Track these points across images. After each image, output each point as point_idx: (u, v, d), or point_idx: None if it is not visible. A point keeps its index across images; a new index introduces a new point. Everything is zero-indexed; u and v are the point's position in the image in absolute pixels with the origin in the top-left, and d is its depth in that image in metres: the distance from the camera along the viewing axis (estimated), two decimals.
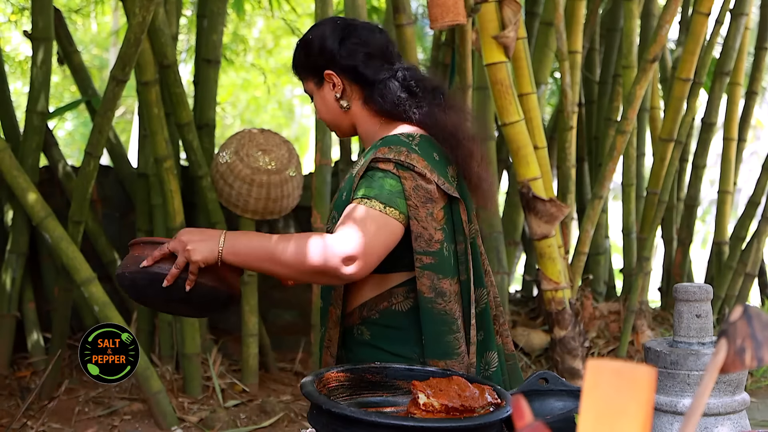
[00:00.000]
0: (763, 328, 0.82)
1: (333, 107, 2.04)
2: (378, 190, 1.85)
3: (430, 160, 1.90)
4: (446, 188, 1.89)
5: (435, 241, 1.87)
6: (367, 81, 2.00)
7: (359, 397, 1.70)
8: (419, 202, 1.86)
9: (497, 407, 1.57)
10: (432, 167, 1.89)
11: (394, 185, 1.86)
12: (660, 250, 5.80)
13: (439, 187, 1.88)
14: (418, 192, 1.86)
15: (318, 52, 2.01)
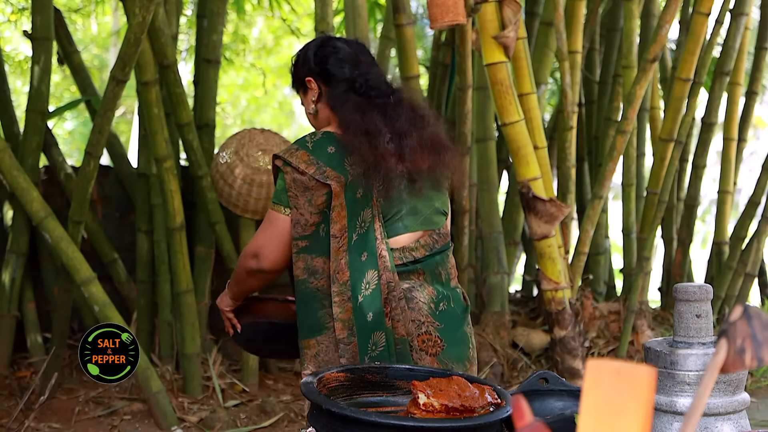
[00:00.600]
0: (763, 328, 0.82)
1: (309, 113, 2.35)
2: (275, 191, 2.21)
3: (319, 154, 2.17)
4: (321, 177, 2.13)
5: (310, 224, 2.15)
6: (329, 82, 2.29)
7: (359, 397, 1.70)
8: (298, 192, 2.15)
9: (497, 407, 1.57)
10: (315, 160, 2.16)
11: (281, 183, 2.18)
12: (660, 250, 5.80)
13: (314, 177, 2.13)
14: (297, 183, 2.15)
15: (302, 62, 2.32)
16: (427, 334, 2.15)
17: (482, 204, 4.56)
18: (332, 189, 2.13)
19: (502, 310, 4.34)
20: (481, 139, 4.50)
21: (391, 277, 2.12)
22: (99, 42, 11.10)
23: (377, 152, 2.14)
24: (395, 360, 2.08)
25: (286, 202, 2.16)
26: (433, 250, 2.25)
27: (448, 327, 2.19)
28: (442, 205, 2.28)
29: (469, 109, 4.38)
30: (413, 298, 2.17)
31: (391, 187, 2.16)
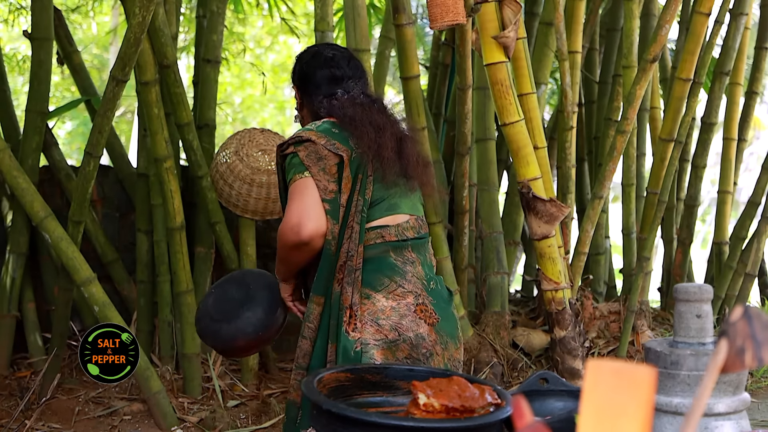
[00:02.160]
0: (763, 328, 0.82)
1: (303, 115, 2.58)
2: (292, 168, 2.33)
3: (326, 132, 2.36)
4: (332, 148, 2.32)
5: (330, 190, 2.31)
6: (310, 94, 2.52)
7: (359, 397, 1.70)
8: (312, 162, 2.31)
9: (497, 407, 1.57)
10: (323, 134, 2.34)
11: (296, 160, 2.32)
12: (660, 250, 5.80)
13: (326, 147, 2.31)
14: (310, 156, 2.31)
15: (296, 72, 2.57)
16: (423, 305, 2.35)
17: (482, 204, 4.56)
18: (343, 159, 2.32)
19: (502, 310, 4.34)
20: (481, 139, 4.50)
21: (353, 249, 2.31)
22: (99, 42, 11.10)
23: (381, 140, 2.36)
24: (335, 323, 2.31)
25: (305, 169, 2.31)
26: (419, 233, 2.45)
27: (439, 303, 2.40)
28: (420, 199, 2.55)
29: (469, 109, 4.38)
30: (407, 272, 2.37)
31: (389, 172, 2.38)
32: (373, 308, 2.30)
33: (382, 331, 2.28)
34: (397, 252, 2.37)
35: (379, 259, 2.35)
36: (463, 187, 4.50)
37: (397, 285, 2.33)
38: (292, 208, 2.29)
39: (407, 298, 2.33)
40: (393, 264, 2.36)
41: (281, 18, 6.64)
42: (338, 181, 2.32)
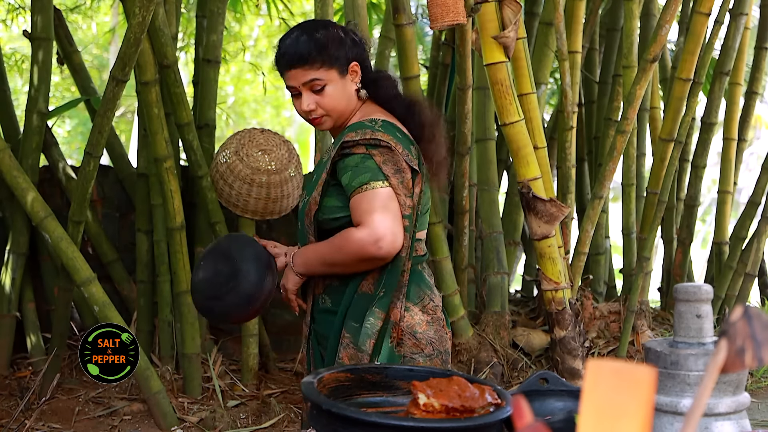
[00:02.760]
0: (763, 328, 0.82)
1: (351, 96, 2.29)
2: (367, 172, 2.15)
3: (395, 137, 2.21)
4: (409, 160, 2.20)
5: (408, 206, 2.19)
6: (367, 75, 2.33)
7: (359, 397, 1.70)
8: (391, 172, 2.17)
9: (497, 407, 1.57)
10: (396, 140, 2.20)
11: (372, 164, 2.16)
12: (660, 250, 5.80)
13: (402, 157, 2.18)
14: (387, 165, 2.16)
15: (351, 44, 2.27)
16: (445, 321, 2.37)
17: (482, 204, 4.56)
18: (416, 174, 2.23)
19: (502, 310, 4.34)
20: (481, 139, 4.50)
21: (406, 263, 2.26)
22: (99, 42, 11.10)
23: (442, 150, 2.33)
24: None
25: (384, 177, 2.16)
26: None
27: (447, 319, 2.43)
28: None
29: (469, 109, 4.38)
30: (432, 285, 2.37)
31: (444, 178, 2.38)
32: (411, 321, 2.26)
33: (420, 345, 2.26)
34: (424, 265, 2.36)
35: (416, 273, 2.30)
36: (463, 187, 4.50)
37: (429, 299, 2.31)
38: (377, 220, 2.11)
39: (437, 312, 2.32)
40: (425, 277, 2.34)
41: (281, 18, 6.63)
42: (412, 196, 2.21)
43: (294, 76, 2.25)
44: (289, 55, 2.26)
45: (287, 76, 2.28)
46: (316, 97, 2.25)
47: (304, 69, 2.23)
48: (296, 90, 2.27)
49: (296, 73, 2.24)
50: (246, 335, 4.18)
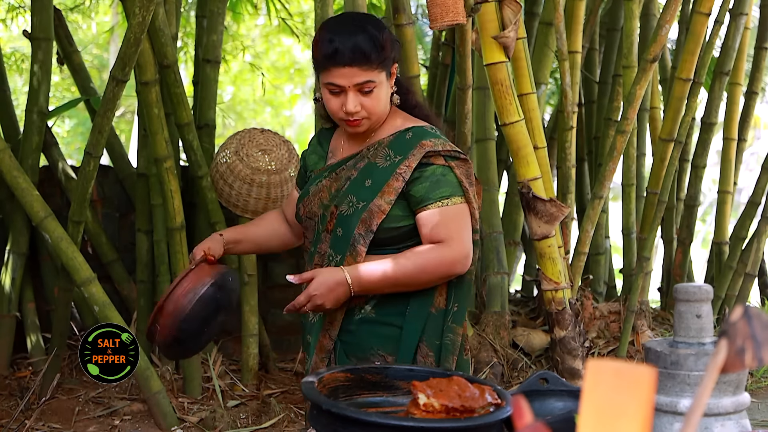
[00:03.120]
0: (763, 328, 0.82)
1: (388, 100, 2.20)
2: (447, 186, 2.12)
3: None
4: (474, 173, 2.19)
5: (476, 219, 2.19)
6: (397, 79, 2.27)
7: (359, 397, 1.71)
8: (467, 186, 2.15)
9: (497, 407, 1.57)
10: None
11: (453, 177, 2.13)
12: (660, 250, 5.80)
13: (472, 170, 2.18)
14: (464, 178, 2.14)
15: (392, 47, 2.17)
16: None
17: (482, 204, 4.54)
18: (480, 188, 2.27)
19: (502, 310, 4.34)
20: (481, 139, 4.50)
21: None
22: (99, 42, 11.10)
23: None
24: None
25: (463, 192, 2.14)
26: None
27: None
28: None
29: (469, 109, 4.38)
30: None
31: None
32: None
33: (469, 351, 2.33)
34: None
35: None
36: None
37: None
38: (464, 238, 2.10)
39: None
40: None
41: (281, 18, 6.63)
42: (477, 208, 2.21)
43: (347, 74, 2.08)
44: (347, 53, 2.07)
45: (337, 74, 2.09)
46: (362, 99, 2.11)
47: (362, 69, 2.08)
48: (339, 88, 2.11)
49: (351, 72, 2.07)
50: (246, 335, 4.18)
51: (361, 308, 2.18)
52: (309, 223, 2.28)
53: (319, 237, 2.22)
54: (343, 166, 2.23)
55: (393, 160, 2.15)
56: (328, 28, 2.14)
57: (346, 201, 2.16)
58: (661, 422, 1.61)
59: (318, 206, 2.24)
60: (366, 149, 2.22)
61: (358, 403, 1.68)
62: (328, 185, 2.23)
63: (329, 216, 2.19)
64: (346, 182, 2.20)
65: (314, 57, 2.16)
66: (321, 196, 2.23)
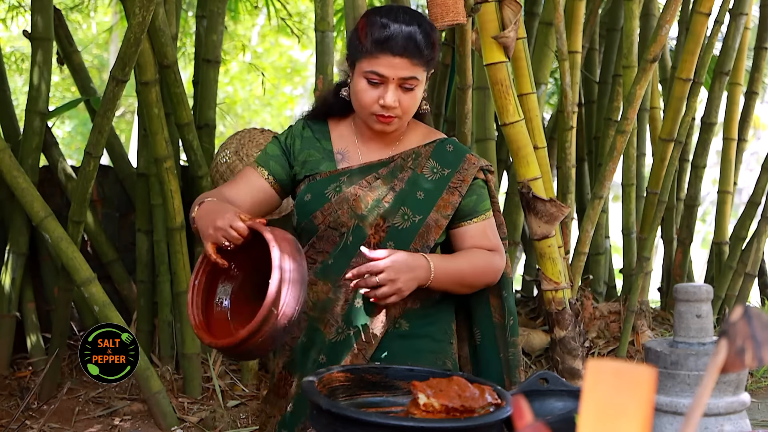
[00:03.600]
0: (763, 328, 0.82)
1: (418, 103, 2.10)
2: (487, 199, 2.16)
3: None
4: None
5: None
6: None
7: (359, 397, 1.70)
8: (495, 197, 2.20)
9: (497, 407, 1.57)
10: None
11: (486, 191, 2.17)
12: (660, 250, 5.80)
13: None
14: (494, 189, 2.20)
15: (439, 49, 2.11)
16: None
17: None
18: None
19: None
20: (481, 139, 4.50)
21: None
22: (99, 42, 11.10)
23: None
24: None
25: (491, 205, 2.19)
26: None
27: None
28: None
29: (469, 109, 4.38)
30: None
31: None
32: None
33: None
34: None
35: None
36: None
37: None
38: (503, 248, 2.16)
39: None
40: None
41: (281, 18, 6.63)
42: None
43: (396, 65, 1.96)
44: (402, 41, 1.96)
45: (385, 62, 1.96)
46: (401, 95, 2.00)
47: (413, 63, 1.97)
48: (380, 79, 1.98)
49: (401, 63, 1.96)
50: None
51: (396, 323, 2.08)
52: (329, 233, 2.07)
53: (347, 249, 2.05)
54: (375, 173, 2.09)
55: (441, 173, 2.11)
56: (381, 14, 2.00)
57: (400, 214, 2.06)
58: (661, 422, 1.61)
59: (349, 216, 2.05)
60: (400, 157, 2.11)
61: (358, 403, 1.68)
62: (361, 194, 2.06)
63: (373, 228, 2.05)
64: (389, 193, 2.07)
65: (359, 41, 2.00)
66: (353, 206, 2.05)
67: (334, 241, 2.07)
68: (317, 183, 2.11)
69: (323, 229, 2.07)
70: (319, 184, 2.10)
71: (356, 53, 2.02)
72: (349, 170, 2.10)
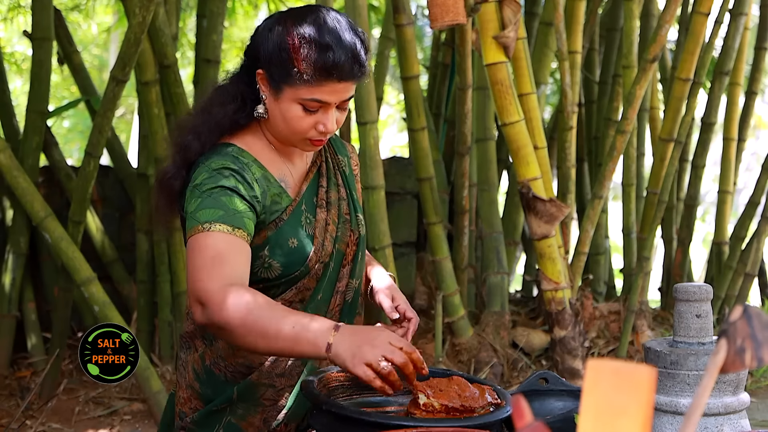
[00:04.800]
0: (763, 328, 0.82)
1: None
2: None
3: None
4: None
5: None
6: None
7: (359, 397, 1.70)
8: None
9: (497, 407, 1.57)
10: None
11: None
12: (660, 250, 5.80)
13: None
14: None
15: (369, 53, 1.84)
16: None
17: (482, 204, 4.56)
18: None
19: (502, 310, 4.34)
20: (481, 139, 4.50)
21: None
22: (99, 42, 11.10)
23: None
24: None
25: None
26: None
27: None
28: None
29: (469, 109, 4.38)
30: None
31: None
32: None
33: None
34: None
35: None
36: (463, 187, 4.50)
37: None
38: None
39: None
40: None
41: None
42: None
43: (340, 90, 1.71)
44: (348, 66, 1.69)
45: (329, 89, 1.70)
46: (337, 114, 1.76)
47: (355, 82, 1.74)
48: (319, 105, 1.72)
49: (346, 87, 1.71)
50: None
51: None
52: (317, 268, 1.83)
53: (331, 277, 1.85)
54: (321, 186, 1.88)
55: (346, 164, 1.96)
56: (317, 30, 1.69)
57: (357, 221, 1.91)
58: (661, 422, 1.61)
59: (330, 243, 1.84)
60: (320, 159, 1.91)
61: (358, 403, 1.68)
62: (329, 216, 1.86)
63: (349, 245, 1.88)
64: (341, 203, 1.89)
65: (294, 65, 1.68)
66: (329, 231, 1.85)
67: (317, 275, 1.83)
68: (289, 223, 1.80)
69: (315, 267, 1.82)
70: (292, 223, 1.80)
71: (287, 78, 1.69)
72: (302, 196, 1.83)
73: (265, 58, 1.72)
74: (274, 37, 1.71)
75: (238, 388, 1.80)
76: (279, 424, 1.81)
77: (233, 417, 1.81)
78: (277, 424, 1.81)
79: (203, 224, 1.63)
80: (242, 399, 1.81)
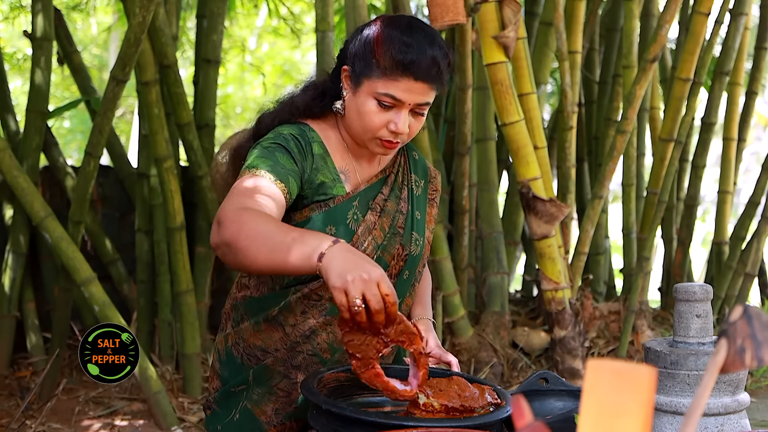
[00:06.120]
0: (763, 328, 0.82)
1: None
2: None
3: None
4: None
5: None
6: None
7: (359, 397, 1.70)
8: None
9: (497, 407, 1.57)
10: None
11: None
12: (660, 250, 5.80)
13: None
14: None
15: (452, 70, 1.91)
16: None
17: (482, 204, 4.56)
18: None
19: (502, 310, 4.34)
20: (481, 139, 4.50)
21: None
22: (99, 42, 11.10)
23: None
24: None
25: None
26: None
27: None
28: None
29: (469, 109, 4.38)
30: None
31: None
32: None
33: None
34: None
35: None
36: (463, 187, 4.50)
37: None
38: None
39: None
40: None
41: (282, 18, 6.63)
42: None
43: (416, 90, 1.74)
44: (426, 66, 1.74)
45: (405, 86, 1.74)
46: (411, 120, 1.78)
47: (431, 88, 1.76)
48: (393, 102, 1.75)
49: (421, 88, 1.74)
50: None
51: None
52: None
53: None
54: (381, 193, 1.89)
55: (421, 186, 1.97)
56: (401, 30, 1.76)
57: (413, 240, 1.90)
58: (661, 422, 1.61)
59: (372, 249, 1.83)
60: (391, 171, 1.93)
61: (358, 403, 1.68)
62: (378, 222, 1.85)
63: (395, 258, 1.87)
64: (397, 216, 1.88)
65: (374, 57, 1.74)
66: (374, 236, 1.84)
67: None
68: (335, 211, 1.81)
69: None
70: (337, 212, 1.81)
71: (367, 70, 1.75)
72: (357, 193, 1.85)
73: (351, 54, 1.80)
74: (363, 35, 1.80)
75: (254, 371, 1.86)
76: (288, 418, 1.85)
77: (249, 402, 1.86)
78: (287, 417, 1.84)
79: (251, 168, 1.70)
80: (257, 383, 1.86)
